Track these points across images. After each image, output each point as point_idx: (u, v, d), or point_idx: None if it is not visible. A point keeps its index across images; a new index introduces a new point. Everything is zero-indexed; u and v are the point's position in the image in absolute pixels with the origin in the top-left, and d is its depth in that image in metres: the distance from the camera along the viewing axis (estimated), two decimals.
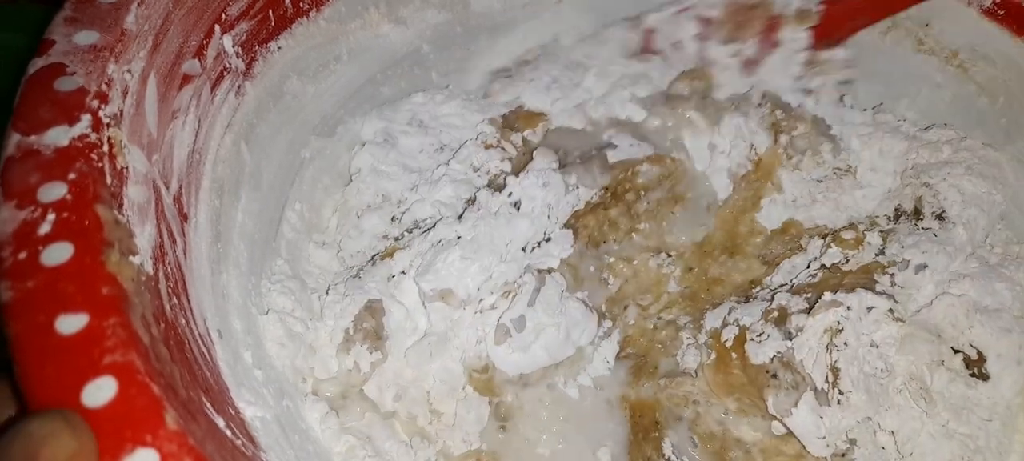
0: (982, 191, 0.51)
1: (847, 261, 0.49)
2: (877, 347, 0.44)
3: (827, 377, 0.43)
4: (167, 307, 0.30)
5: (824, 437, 0.43)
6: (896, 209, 0.52)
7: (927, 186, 0.52)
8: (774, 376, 0.44)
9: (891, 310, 0.44)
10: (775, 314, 0.46)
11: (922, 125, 0.56)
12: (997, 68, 0.53)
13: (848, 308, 0.44)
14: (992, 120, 0.54)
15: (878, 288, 0.46)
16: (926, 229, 0.50)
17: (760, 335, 0.45)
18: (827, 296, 0.45)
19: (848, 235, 0.50)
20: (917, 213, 0.51)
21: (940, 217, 0.50)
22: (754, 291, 0.50)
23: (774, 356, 0.44)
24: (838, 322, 0.44)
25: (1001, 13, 0.52)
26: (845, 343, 0.44)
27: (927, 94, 0.57)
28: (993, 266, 0.48)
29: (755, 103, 0.56)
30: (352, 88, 0.52)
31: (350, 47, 0.51)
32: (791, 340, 0.44)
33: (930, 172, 0.52)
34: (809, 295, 0.46)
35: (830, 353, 0.44)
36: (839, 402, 0.43)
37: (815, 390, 0.43)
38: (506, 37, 0.58)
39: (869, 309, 0.44)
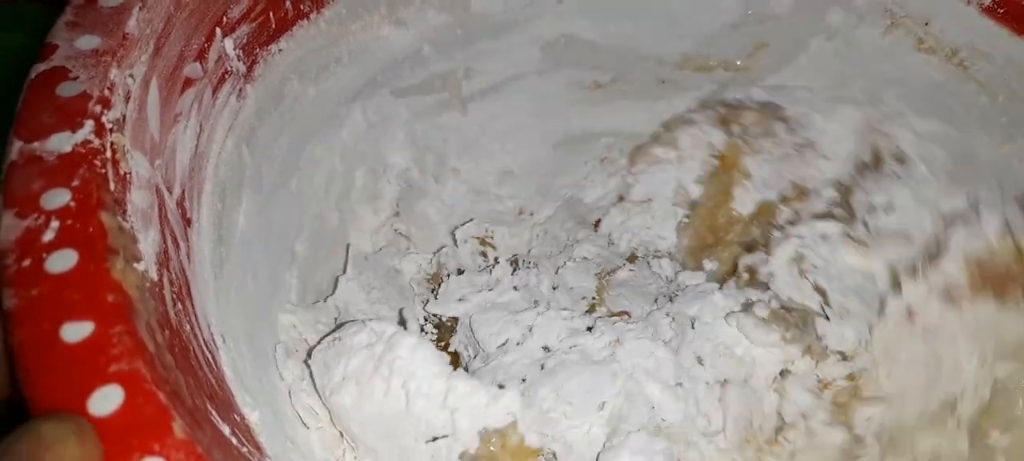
0: (935, 127, 0.52)
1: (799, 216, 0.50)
2: (848, 262, 0.46)
3: (817, 301, 0.45)
4: (172, 313, 0.29)
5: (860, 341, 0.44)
6: (856, 164, 0.53)
7: (881, 133, 0.53)
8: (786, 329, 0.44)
9: (847, 234, 0.46)
10: (746, 277, 0.47)
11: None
12: (997, 66, 0.53)
13: (800, 237, 0.46)
14: (993, 118, 0.54)
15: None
16: (889, 173, 0.51)
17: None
18: (776, 234, 0.47)
19: (790, 193, 0.52)
20: (877, 161, 0.52)
21: (899, 159, 0.51)
22: None
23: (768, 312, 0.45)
24: (797, 251, 0.46)
25: (1000, 11, 0.52)
26: (813, 266, 0.45)
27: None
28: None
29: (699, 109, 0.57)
30: (353, 90, 0.52)
31: (351, 49, 0.51)
32: (769, 289, 0.45)
33: (883, 123, 0.54)
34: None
35: (806, 278, 0.45)
36: (842, 315, 0.44)
37: (817, 314, 0.44)
38: (507, 39, 0.58)
39: (823, 236, 0.46)
